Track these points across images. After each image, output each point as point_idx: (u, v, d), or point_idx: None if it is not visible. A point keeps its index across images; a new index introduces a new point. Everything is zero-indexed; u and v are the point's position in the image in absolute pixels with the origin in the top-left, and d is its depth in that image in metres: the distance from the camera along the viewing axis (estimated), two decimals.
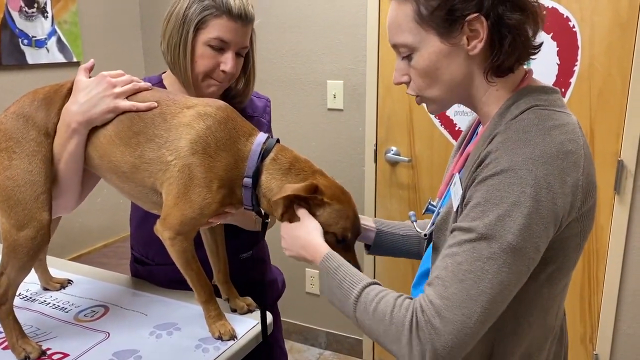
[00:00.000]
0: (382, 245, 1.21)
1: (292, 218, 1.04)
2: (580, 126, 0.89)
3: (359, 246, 1.20)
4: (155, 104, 1.09)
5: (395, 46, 0.93)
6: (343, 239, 1.06)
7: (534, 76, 0.95)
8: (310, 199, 1.03)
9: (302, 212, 1.04)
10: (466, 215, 0.83)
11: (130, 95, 1.12)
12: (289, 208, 1.04)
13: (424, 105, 0.98)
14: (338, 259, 0.95)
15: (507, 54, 0.86)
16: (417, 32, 0.88)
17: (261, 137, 1.09)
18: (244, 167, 1.06)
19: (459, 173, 0.96)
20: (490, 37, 0.86)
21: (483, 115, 0.95)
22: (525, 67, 0.95)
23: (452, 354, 0.79)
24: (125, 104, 1.09)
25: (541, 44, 0.92)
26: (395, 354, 0.85)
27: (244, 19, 1.23)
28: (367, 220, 1.21)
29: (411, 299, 0.85)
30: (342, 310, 0.92)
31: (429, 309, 0.80)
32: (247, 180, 1.06)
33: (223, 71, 1.24)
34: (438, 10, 0.85)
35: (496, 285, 0.78)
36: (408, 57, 0.92)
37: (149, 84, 1.16)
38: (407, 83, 0.95)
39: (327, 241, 1.01)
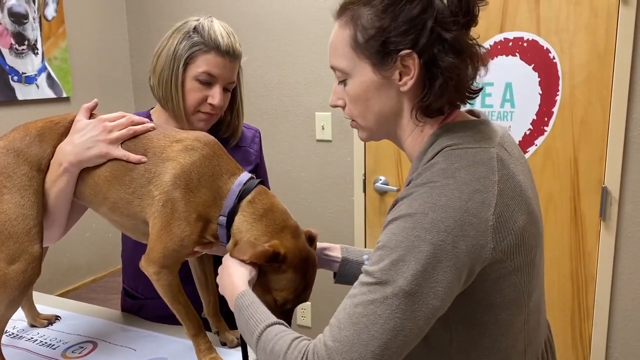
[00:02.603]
0: (347, 274, 1.18)
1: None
2: (502, 159, 0.84)
3: (327, 275, 1.20)
4: (145, 159, 1.09)
5: (332, 68, 0.92)
6: (281, 306, 1.05)
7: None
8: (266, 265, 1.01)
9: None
10: (370, 258, 0.82)
11: (125, 140, 1.11)
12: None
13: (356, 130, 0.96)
14: (251, 296, 0.93)
15: (436, 95, 0.84)
16: (351, 58, 0.87)
17: (243, 177, 1.09)
18: (221, 205, 1.06)
19: None
20: (422, 76, 0.84)
21: (408, 155, 0.94)
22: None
23: None
24: (117, 152, 1.10)
25: (480, 89, 0.90)
26: None
27: (231, 55, 1.26)
28: (333, 251, 1.19)
29: (310, 340, 0.82)
30: (251, 348, 0.90)
31: (321, 351, 0.77)
32: (222, 219, 1.06)
33: (211, 104, 1.27)
34: (373, 39, 0.83)
35: (388, 331, 0.75)
36: (343, 82, 0.91)
37: (147, 125, 1.14)
38: (343, 107, 0.94)
39: (265, 302, 0.97)
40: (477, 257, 0.78)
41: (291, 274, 1.02)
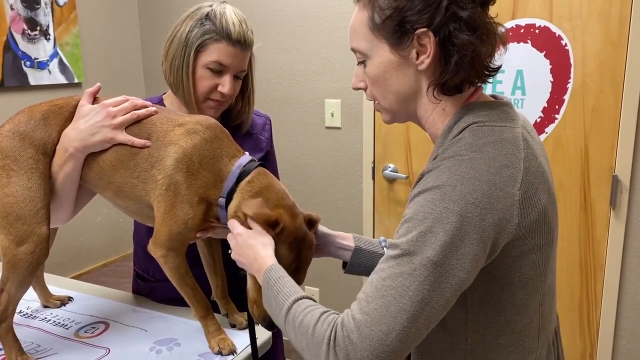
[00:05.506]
0: (360, 263, 1.18)
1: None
2: (526, 139, 0.86)
3: (336, 262, 1.21)
4: (149, 143, 1.11)
5: (353, 51, 0.94)
6: None
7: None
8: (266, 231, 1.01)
9: (258, 227, 1.02)
10: (396, 232, 0.83)
11: (129, 125, 1.13)
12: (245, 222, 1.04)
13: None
14: (280, 271, 0.94)
15: (452, 72, 0.85)
16: (370, 40, 0.89)
17: (243, 159, 1.10)
18: (222, 187, 1.08)
19: None
20: (438, 54, 0.85)
21: (431, 135, 0.95)
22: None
23: None
24: (121, 137, 1.11)
25: (499, 67, 0.90)
26: None
27: (242, 44, 1.26)
28: (346, 240, 1.19)
29: (338, 314, 0.83)
30: (277, 323, 0.91)
31: (349, 324, 0.78)
32: (222, 200, 1.07)
33: (221, 93, 1.27)
34: (390, 20, 0.85)
35: (416, 303, 0.76)
36: (363, 63, 0.93)
37: (150, 109, 1.16)
38: (365, 89, 0.96)
39: None
40: (502, 231, 0.79)
41: (285, 250, 1.03)
